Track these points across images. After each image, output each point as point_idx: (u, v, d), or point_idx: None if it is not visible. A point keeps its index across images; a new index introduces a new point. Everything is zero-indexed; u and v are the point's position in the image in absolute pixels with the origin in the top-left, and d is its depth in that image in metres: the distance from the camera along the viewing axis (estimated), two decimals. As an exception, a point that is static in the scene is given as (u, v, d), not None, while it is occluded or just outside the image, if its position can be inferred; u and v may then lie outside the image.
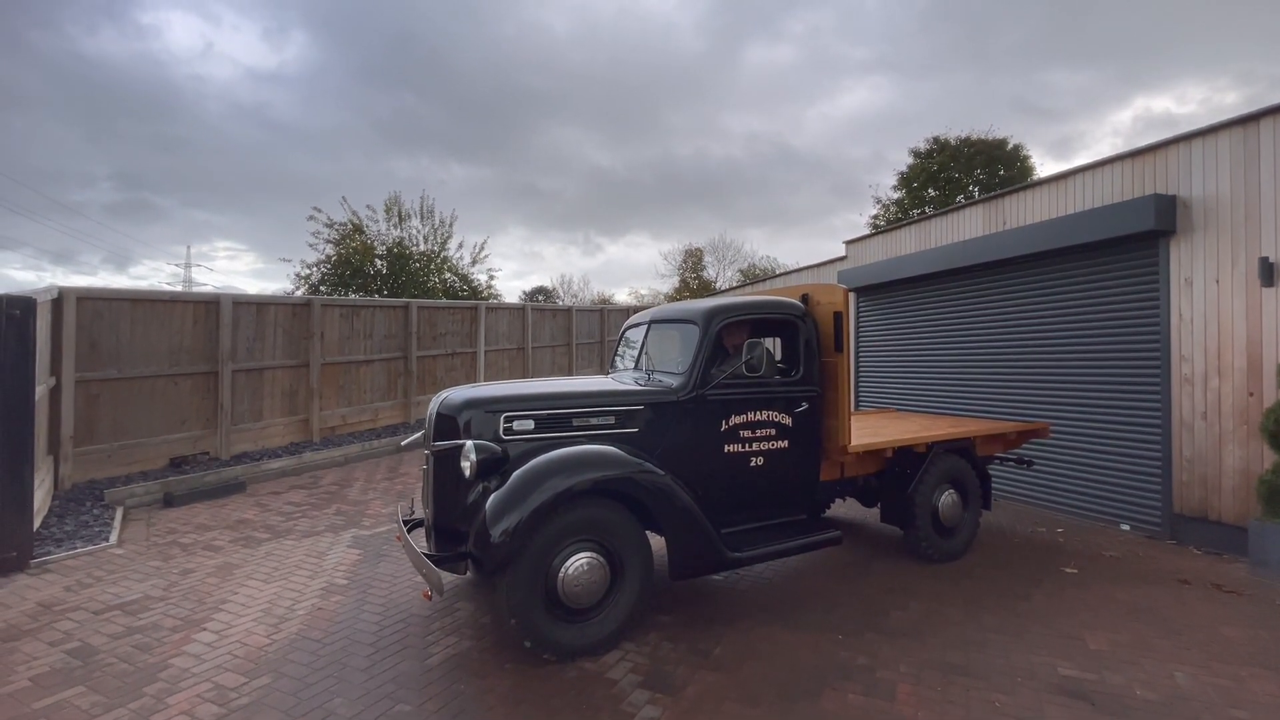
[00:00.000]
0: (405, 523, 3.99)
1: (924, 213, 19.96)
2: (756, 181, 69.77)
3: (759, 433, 4.09)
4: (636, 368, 4.51)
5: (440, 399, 3.80)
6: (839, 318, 4.34)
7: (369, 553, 5.17)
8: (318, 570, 4.76)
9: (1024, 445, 6.06)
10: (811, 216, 64.00)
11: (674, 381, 3.98)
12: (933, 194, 24.29)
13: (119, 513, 6.21)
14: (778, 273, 17.80)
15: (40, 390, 5.50)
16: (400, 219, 17.64)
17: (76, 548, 5.20)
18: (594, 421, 3.75)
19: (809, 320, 4.36)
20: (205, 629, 3.75)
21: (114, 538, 5.49)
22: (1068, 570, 4.74)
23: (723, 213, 65.14)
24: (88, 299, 7.14)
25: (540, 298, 38.75)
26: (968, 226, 7.78)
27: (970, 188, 23.60)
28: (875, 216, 26.32)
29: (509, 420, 3.60)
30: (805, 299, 4.55)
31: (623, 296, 42.79)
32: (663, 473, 3.57)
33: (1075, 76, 61.51)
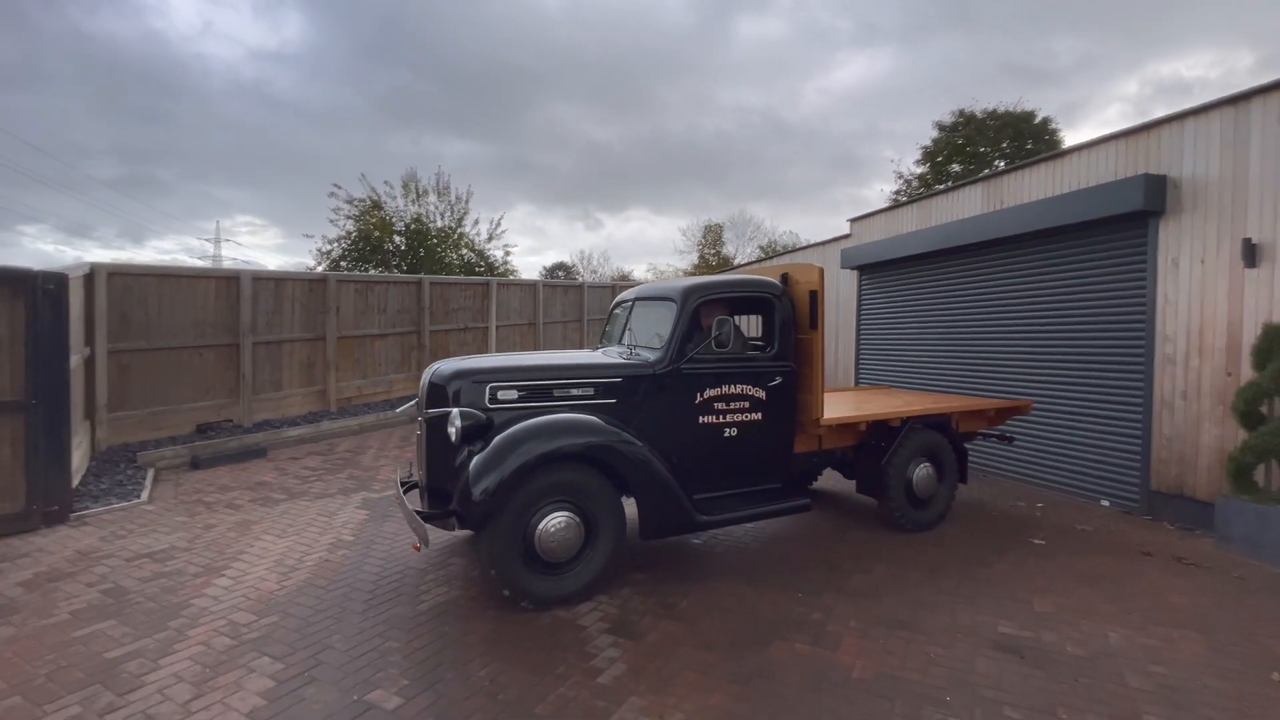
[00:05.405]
0: (403, 484, 4.34)
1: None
2: (750, 156, 68.36)
3: (733, 405, 4.31)
4: (620, 342, 4.74)
5: (432, 370, 4.09)
6: (814, 296, 4.51)
7: (376, 513, 5.55)
8: (327, 528, 5.15)
9: (1010, 422, 6.19)
10: (810, 190, 62.37)
11: (652, 356, 4.22)
12: (957, 168, 23.72)
13: (150, 473, 6.70)
14: (787, 249, 17.73)
15: (75, 360, 5.93)
16: (417, 195, 17.96)
17: (111, 504, 5.67)
18: (574, 392, 4.01)
19: (785, 299, 4.54)
20: (224, 575, 4.15)
21: (145, 495, 5.96)
22: (1036, 541, 4.92)
23: (718, 187, 63.86)
24: (118, 274, 7.58)
25: (560, 274, 38.98)
26: (968, 205, 7.79)
27: (995, 162, 23.00)
28: (897, 192, 25.87)
29: (494, 390, 3.87)
30: (785, 278, 4.73)
31: (641, 272, 42.87)
32: (636, 441, 3.83)
33: (1077, 42, 55.49)
